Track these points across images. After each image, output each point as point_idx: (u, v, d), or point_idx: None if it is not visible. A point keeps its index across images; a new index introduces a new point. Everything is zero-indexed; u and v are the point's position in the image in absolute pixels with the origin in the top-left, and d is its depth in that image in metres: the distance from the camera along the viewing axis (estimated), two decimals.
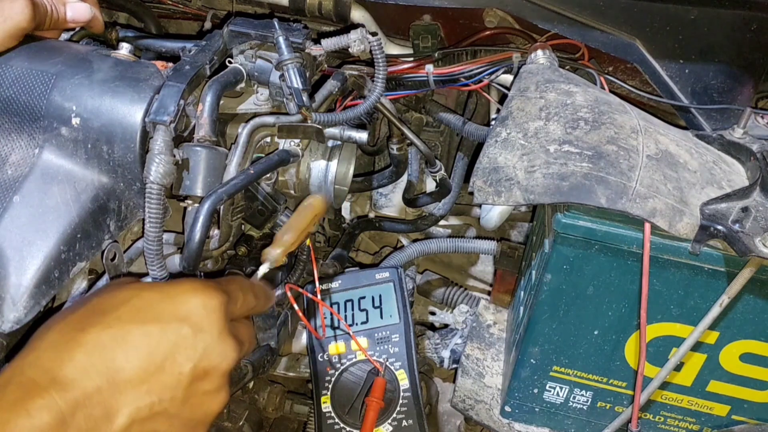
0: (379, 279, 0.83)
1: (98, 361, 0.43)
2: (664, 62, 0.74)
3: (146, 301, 0.47)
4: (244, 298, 0.53)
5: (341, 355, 0.78)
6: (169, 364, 0.45)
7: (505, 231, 1.01)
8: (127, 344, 0.44)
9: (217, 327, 0.48)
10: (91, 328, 0.44)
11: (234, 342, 0.49)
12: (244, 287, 0.54)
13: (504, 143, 0.62)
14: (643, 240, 0.58)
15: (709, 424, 0.74)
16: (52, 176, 0.56)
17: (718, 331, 0.66)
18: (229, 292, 0.51)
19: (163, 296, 0.48)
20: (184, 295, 0.48)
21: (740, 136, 0.67)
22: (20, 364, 0.43)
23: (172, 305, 0.47)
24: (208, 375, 0.47)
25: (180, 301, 0.47)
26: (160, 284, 0.50)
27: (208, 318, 0.47)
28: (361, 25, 0.76)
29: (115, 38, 0.80)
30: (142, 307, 0.47)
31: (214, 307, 0.48)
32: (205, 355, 0.47)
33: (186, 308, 0.47)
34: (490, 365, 0.88)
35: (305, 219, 0.66)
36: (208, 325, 0.47)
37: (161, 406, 0.45)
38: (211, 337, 0.47)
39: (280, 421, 1.04)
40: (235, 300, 0.52)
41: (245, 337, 0.53)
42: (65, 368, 0.42)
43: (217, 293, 0.49)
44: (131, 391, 0.44)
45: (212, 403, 0.48)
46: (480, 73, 0.79)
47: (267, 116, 0.67)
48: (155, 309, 0.47)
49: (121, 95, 0.57)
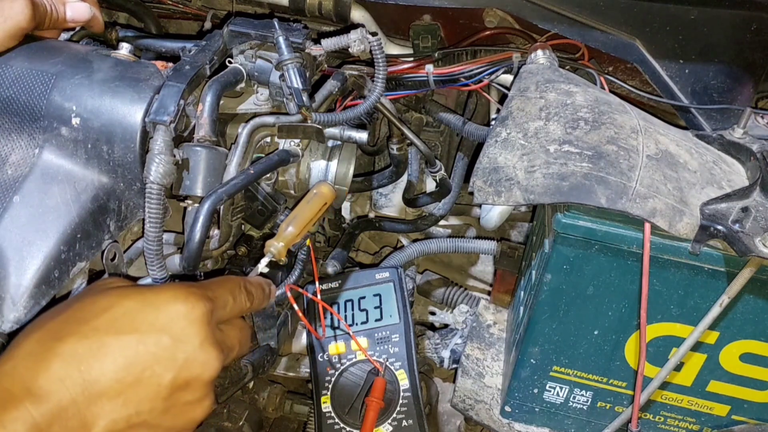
0: (379, 279, 0.83)
1: (74, 373, 0.42)
2: (664, 62, 0.74)
3: (125, 310, 0.46)
4: (235, 300, 0.53)
5: (341, 355, 0.78)
6: (148, 376, 0.45)
7: (505, 231, 1.01)
8: (104, 355, 0.44)
9: (199, 336, 0.47)
10: (67, 338, 0.44)
11: (217, 350, 0.48)
12: (235, 289, 0.54)
13: (504, 143, 0.62)
14: (643, 240, 0.58)
15: (709, 424, 0.74)
16: (52, 176, 0.56)
17: (718, 331, 0.66)
18: (216, 297, 0.50)
19: (142, 305, 0.47)
20: (165, 303, 0.47)
21: (740, 136, 0.67)
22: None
23: (151, 314, 0.46)
24: (190, 385, 0.47)
25: (160, 310, 0.47)
26: (141, 291, 0.49)
27: (189, 327, 0.47)
28: (361, 25, 0.76)
29: (115, 38, 0.81)
30: (120, 317, 0.46)
31: (197, 315, 0.47)
32: (185, 365, 0.46)
33: (166, 317, 0.46)
34: (490, 365, 0.88)
35: (312, 209, 0.64)
36: (189, 335, 0.46)
37: (139, 418, 0.44)
38: (192, 346, 0.46)
39: (280, 421, 1.03)
40: (224, 304, 0.51)
41: (234, 341, 0.52)
42: (41, 379, 0.42)
43: (200, 300, 0.48)
44: (108, 403, 0.43)
45: (195, 411, 0.48)
46: (480, 73, 0.79)
47: (267, 116, 0.67)
48: (134, 318, 0.46)
49: (121, 95, 0.57)
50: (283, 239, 0.62)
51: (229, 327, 0.53)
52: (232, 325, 0.53)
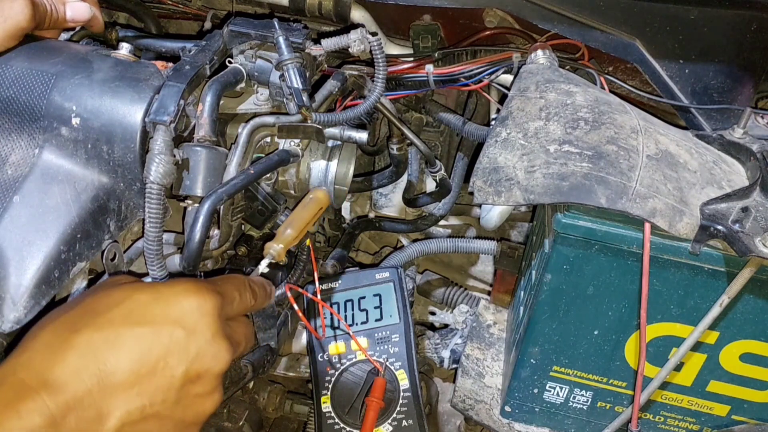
0: (379, 279, 0.83)
1: (90, 364, 0.43)
2: (664, 62, 0.74)
3: (139, 302, 0.47)
4: (241, 297, 0.54)
5: (341, 355, 0.78)
6: (161, 367, 0.45)
7: (505, 231, 1.01)
8: (119, 347, 0.44)
9: (211, 329, 0.48)
10: (83, 330, 0.44)
11: (227, 344, 0.49)
12: (241, 286, 0.54)
13: (504, 143, 0.62)
14: (643, 240, 0.58)
15: (709, 424, 0.74)
16: (52, 176, 0.56)
17: (718, 331, 0.66)
18: (224, 293, 0.51)
19: (156, 298, 0.47)
20: (177, 296, 0.48)
21: (740, 136, 0.67)
22: (12, 365, 0.43)
23: (165, 307, 0.47)
24: (201, 377, 0.47)
25: (173, 303, 0.47)
26: (153, 285, 0.50)
27: (201, 320, 0.47)
28: (361, 25, 0.76)
29: (115, 38, 0.81)
30: (134, 309, 0.46)
31: (208, 309, 0.48)
32: (197, 357, 0.47)
33: (179, 310, 0.47)
34: (490, 365, 0.88)
35: (309, 213, 0.66)
36: (201, 328, 0.47)
37: (153, 409, 0.45)
38: (204, 339, 0.47)
39: (280, 421, 1.04)
40: (231, 300, 0.52)
41: (241, 336, 0.53)
42: (56, 370, 0.42)
43: (211, 294, 0.49)
44: (122, 394, 0.43)
45: (205, 404, 0.48)
46: (480, 73, 0.79)
47: (267, 116, 0.67)
48: (148, 311, 0.47)
49: (121, 95, 0.57)
50: (282, 241, 0.63)
51: (236, 323, 0.53)
52: (238, 322, 0.54)
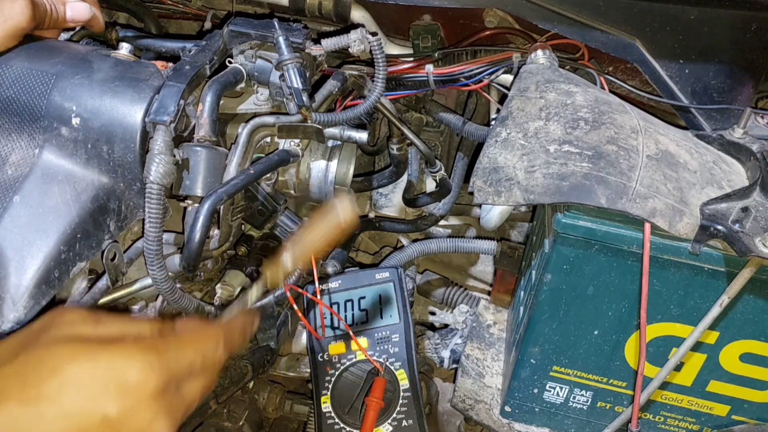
0: (379, 279, 0.83)
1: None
2: (664, 62, 0.74)
3: (74, 374, 0.43)
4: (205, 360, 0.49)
5: (341, 355, 0.78)
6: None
7: (505, 231, 1.01)
8: (44, 426, 0.41)
9: (151, 411, 0.44)
10: (7, 402, 0.42)
11: (167, 420, 0.45)
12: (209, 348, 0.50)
13: (504, 143, 0.62)
14: (643, 240, 0.58)
15: (709, 424, 0.74)
16: (52, 176, 0.56)
17: (718, 331, 0.66)
18: (180, 360, 0.47)
19: (93, 370, 0.44)
20: (118, 372, 0.44)
21: (740, 136, 0.67)
22: None
23: (102, 383, 0.43)
24: None
25: (112, 379, 0.44)
26: (95, 351, 0.45)
27: (141, 403, 0.44)
28: (361, 25, 0.76)
29: (115, 38, 0.81)
30: (68, 383, 0.43)
31: (150, 390, 0.44)
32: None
33: (117, 388, 0.44)
34: (490, 365, 0.88)
35: (323, 232, 0.55)
36: (140, 410, 0.44)
37: None
38: (143, 422, 0.44)
39: (280, 421, 1.04)
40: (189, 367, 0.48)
41: (196, 394, 0.49)
42: None
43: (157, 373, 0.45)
44: None
45: None
46: (480, 73, 0.79)
47: (267, 116, 0.67)
48: (82, 386, 0.43)
49: (121, 95, 0.57)
50: (280, 270, 0.56)
51: (192, 380, 0.49)
52: (195, 377, 0.49)
